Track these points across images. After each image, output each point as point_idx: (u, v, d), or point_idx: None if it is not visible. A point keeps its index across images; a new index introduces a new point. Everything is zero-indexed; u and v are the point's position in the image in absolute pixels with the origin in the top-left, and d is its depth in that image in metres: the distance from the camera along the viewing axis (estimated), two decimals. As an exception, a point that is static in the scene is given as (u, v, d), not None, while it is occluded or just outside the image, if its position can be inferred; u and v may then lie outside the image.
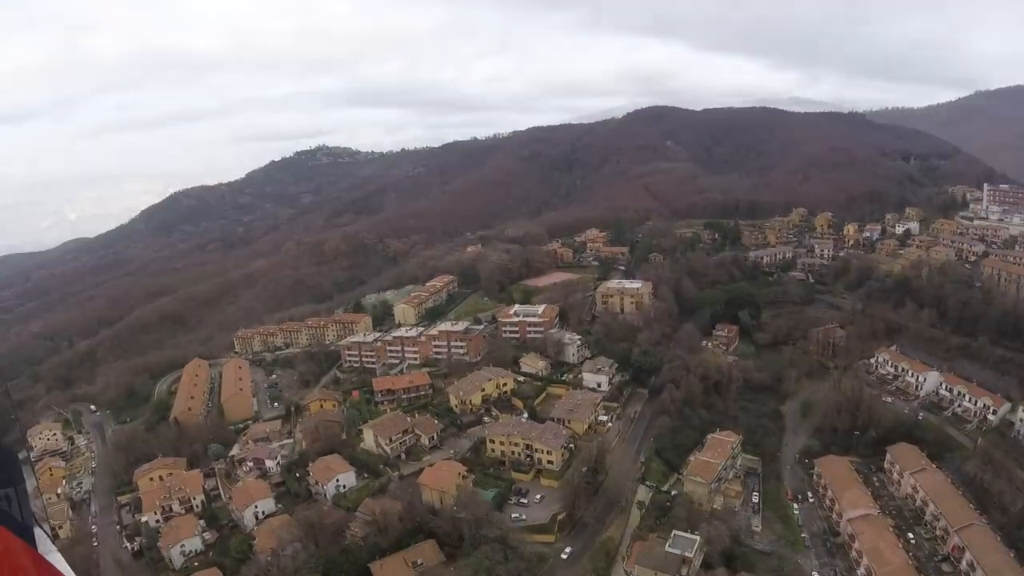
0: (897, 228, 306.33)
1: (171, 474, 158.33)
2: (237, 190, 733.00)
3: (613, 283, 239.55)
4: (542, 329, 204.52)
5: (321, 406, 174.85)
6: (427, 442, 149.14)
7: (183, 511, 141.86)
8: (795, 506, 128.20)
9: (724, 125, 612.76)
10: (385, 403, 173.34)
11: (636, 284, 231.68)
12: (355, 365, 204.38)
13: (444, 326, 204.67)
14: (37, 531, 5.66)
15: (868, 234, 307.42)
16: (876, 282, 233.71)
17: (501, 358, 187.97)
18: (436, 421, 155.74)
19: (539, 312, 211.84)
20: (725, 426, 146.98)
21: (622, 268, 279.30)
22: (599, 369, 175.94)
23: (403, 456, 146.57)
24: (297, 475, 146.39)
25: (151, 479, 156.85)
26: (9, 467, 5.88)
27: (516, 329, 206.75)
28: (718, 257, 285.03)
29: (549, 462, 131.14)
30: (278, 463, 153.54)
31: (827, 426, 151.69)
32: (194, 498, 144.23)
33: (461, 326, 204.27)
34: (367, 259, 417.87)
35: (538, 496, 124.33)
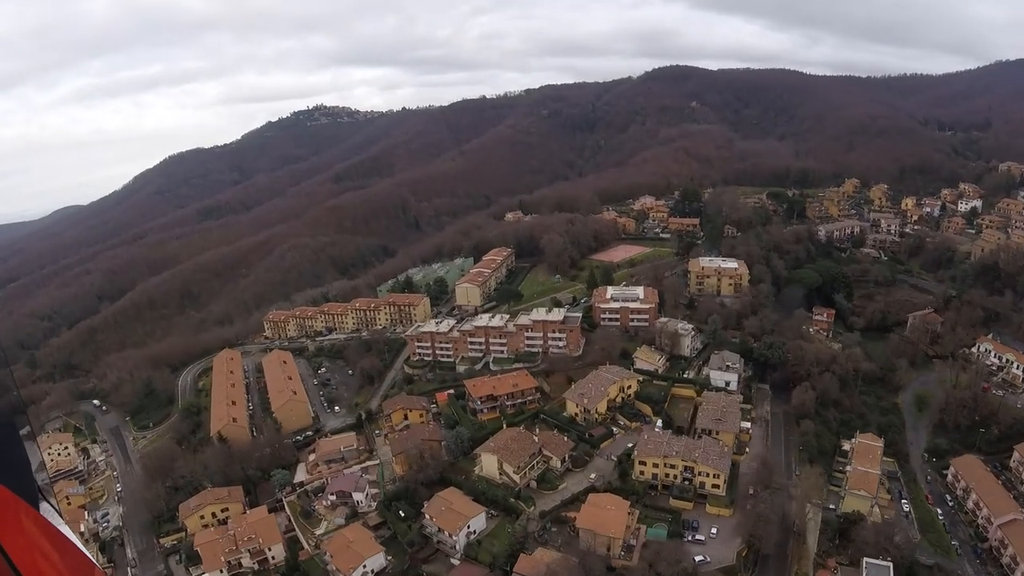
0: (959, 205, 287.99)
1: (226, 510, 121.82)
2: (233, 152, 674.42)
3: (706, 260, 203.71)
4: (647, 316, 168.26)
5: (405, 416, 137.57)
6: (559, 465, 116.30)
7: (256, 566, 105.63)
8: (938, 511, 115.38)
9: (748, 87, 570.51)
10: (485, 411, 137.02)
11: (732, 263, 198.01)
12: (426, 359, 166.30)
13: (538, 314, 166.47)
14: (44, 505, 5.22)
15: (928, 209, 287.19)
16: (963, 265, 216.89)
17: (608, 353, 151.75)
18: (565, 438, 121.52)
19: (641, 296, 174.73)
20: (854, 425, 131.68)
21: (699, 242, 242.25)
22: (728, 366, 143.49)
23: (533, 484, 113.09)
24: (402, 515, 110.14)
25: (201, 517, 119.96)
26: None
27: (617, 316, 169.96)
28: (792, 231, 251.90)
29: (714, 486, 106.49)
30: (369, 496, 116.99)
31: (948, 422, 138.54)
32: (270, 548, 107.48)
33: (558, 314, 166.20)
34: (390, 225, 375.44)
35: (713, 529, 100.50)
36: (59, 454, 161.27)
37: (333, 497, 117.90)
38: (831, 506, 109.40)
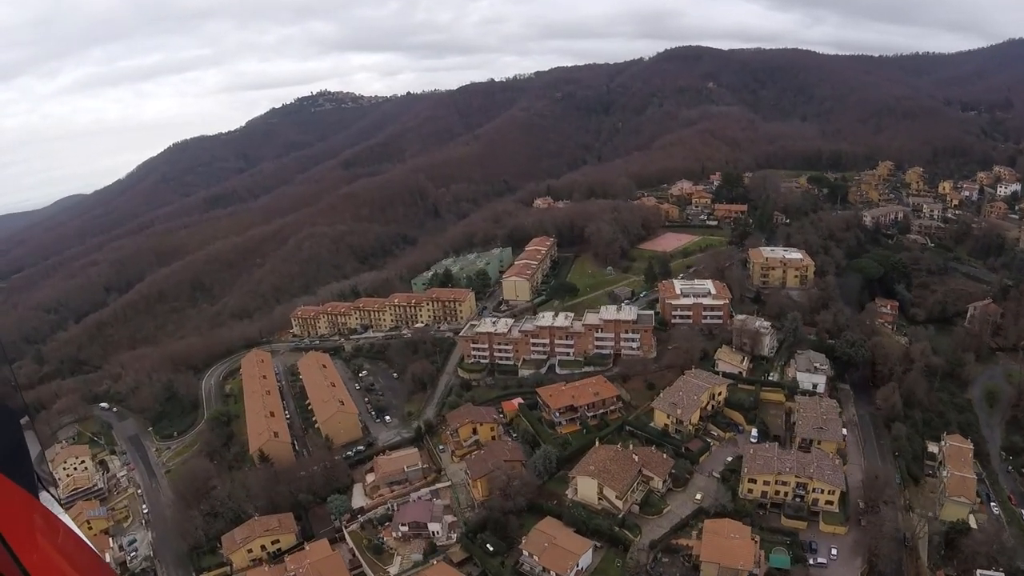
0: (998, 189, 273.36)
1: (276, 542, 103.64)
2: (238, 139, 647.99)
3: (767, 251, 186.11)
4: (721, 313, 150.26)
5: (474, 430, 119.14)
6: (660, 486, 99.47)
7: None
8: (1023, 512, 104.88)
9: (763, 67, 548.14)
10: (563, 423, 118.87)
11: (796, 254, 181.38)
12: (482, 361, 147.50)
13: (607, 311, 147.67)
14: (43, 495, 5.24)
15: (967, 193, 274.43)
16: (1015, 253, 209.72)
17: (689, 354, 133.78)
18: (664, 455, 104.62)
19: (711, 290, 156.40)
20: (935, 425, 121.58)
21: (753, 231, 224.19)
22: (817, 367, 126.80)
23: (635, 509, 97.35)
24: (490, 548, 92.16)
25: (249, 551, 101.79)
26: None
27: (689, 313, 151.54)
28: (841, 217, 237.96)
29: (828, 502, 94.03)
30: (447, 526, 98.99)
31: (1021, 418, 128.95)
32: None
33: (630, 312, 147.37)
34: (407, 212, 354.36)
35: (833, 550, 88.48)
36: (75, 469, 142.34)
37: (404, 528, 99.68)
38: (930, 514, 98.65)
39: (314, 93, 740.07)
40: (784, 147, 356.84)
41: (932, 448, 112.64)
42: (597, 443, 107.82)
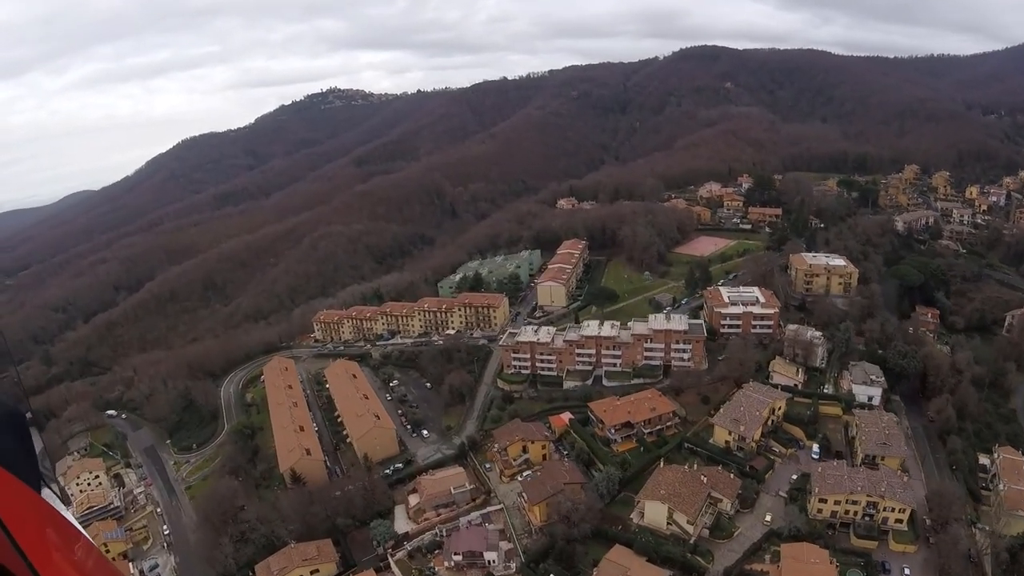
0: None
1: (316, 572, 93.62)
2: (247, 136, 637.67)
3: (809, 256, 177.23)
4: (771, 322, 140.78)
5: (524, 448, 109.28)
6: (728, 507, 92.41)
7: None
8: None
9: (780, 68, 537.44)
10: (619, 440, 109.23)
11: (839, 260, 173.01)
12: (523, 372, 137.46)
13: (656, 321, 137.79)
14: (45, 491, 5.32)
15: (994, 198, 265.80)
16: None
17: (743, 366, 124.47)
18: (732, 475, 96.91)
19: (759, 298, 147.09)
20: (983, 436, 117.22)
21: (787, 235, 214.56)
22: (873, 379, 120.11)
23: (705, 533, 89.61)
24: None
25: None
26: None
27: (738, 323, 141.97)
28: (876, 222, 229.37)
29: (898, 521, 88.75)
30: (504, 555, 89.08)
31: None
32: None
33: (680, 321, 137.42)
34: (424, 211, 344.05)
35: (906, 570, 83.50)
36: (89, 484, 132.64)
37: (458, 557, 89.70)
38: (986, 528, 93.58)
39: (324, 90, 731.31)
40: (808, 149, 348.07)
41: (983, 460, 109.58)
42: (662, 463, 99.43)
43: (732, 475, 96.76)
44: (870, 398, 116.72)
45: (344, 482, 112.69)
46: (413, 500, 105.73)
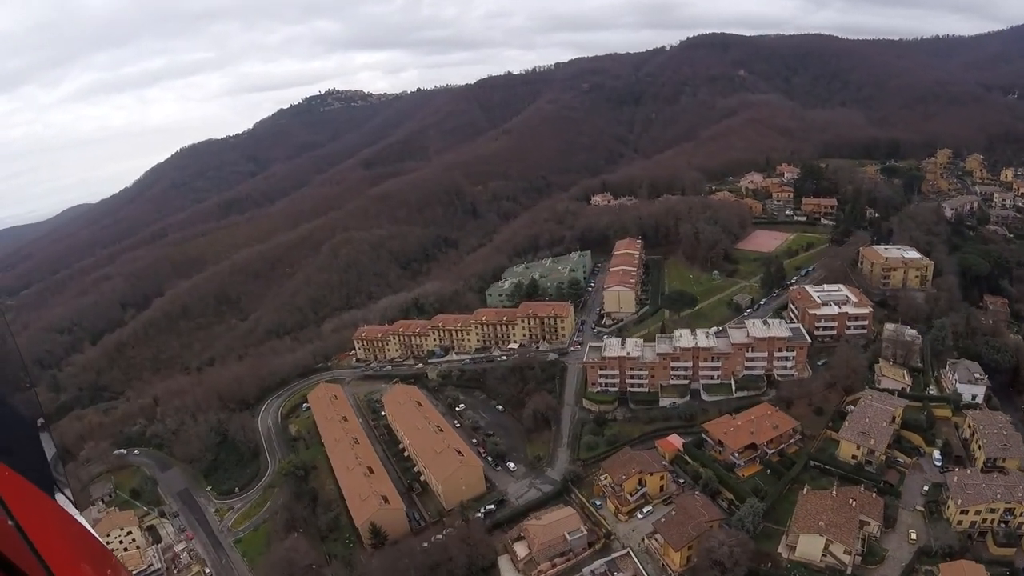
0: None
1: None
2: (247, 142, 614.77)
3: (881, 249, 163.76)
4: (865, 322, 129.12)
5: (641, 481, 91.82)
6: (875, 529, 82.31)
7: None
8: None
9: (793, 54, 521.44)
10: (742, 464, 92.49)
11: (913, 253, 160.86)
12: (610, 390, 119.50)
13: (755, 328, 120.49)
14: (59, 496, 5.42)
15: None
16: None
17: (852, 371, 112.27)
18: (874, 494, 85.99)
19: (851, 298, 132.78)
20: None
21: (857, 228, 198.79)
22: (977, 377, 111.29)
23: (858, 560, 77.45)
24: None
25: None
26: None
27: (834, 324, 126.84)
28: (928, 210, 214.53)
29: None
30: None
31: None
32: None
33: (781, 328, 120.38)
34: (445, 212, 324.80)
35: None
36: (121, 542, 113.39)
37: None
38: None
39: (322, 92, 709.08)
40: (839, 135, 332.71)
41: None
42: (806, 489, 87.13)
43: (874, 494, 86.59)
44: (974, 396, 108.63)
45: (430, 532, 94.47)
46: (520, 550, 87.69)
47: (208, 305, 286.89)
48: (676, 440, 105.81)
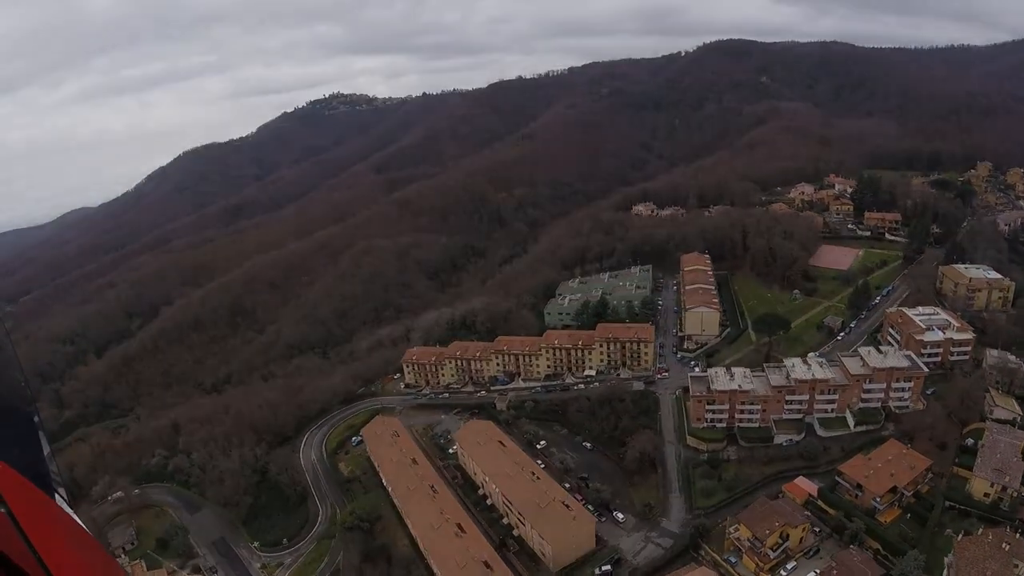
0: None
1: None
2: (251, 145, 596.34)
3: (962, 268, 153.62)
4: (967, 348, 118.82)
5: (783, 534, 77.11)
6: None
7: None
8: None
9: (813, 61, 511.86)
10: (883, 508, 78.73)
11: (994, 272, 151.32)
12: (718, 426, 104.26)
13: (873, 358, 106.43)
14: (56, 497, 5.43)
15: None
16: None
17: (970, 401, 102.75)
18: (1018, 535, 74.34)
19: (952, 322, 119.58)
20: None
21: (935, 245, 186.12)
22: None
23: None
24: None
25: None
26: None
27: (939, 350, 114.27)
28: (989, 225, 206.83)
29: None
30: None
31: None
32: None
33: (898, 358, 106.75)
34: (469, 220, 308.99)
35: None
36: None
37: None
38: None
39: (327, 96, 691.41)
40: (879, 146, 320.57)
41: None
42: (961, 535, 76.60)
43: (1017, 534, 77.41)
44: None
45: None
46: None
47: (221, 316, 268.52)
48: (807, 484, 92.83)
